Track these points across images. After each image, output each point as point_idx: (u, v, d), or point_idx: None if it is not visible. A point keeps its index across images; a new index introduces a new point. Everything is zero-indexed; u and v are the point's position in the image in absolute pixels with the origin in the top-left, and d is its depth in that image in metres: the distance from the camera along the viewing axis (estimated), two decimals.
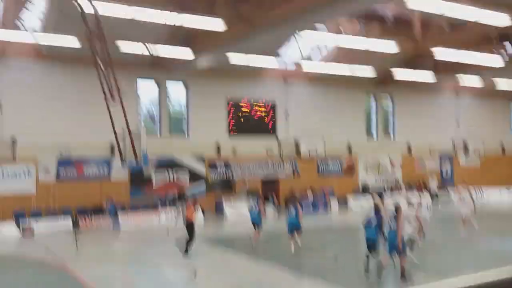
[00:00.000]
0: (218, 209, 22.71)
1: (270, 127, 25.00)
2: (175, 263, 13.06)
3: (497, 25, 14.93)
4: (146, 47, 14.75)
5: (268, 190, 24.39)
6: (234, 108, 24.04)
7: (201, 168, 23.06)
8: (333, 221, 21.36)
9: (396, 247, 10.56)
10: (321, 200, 24.75)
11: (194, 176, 22.82)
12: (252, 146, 24.17)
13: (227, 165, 23.65)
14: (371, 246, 11.26)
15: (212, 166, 23.30)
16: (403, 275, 10.58)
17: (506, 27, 16.49)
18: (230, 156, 23.74)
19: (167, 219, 20.09)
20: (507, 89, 32.61)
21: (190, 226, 13.61)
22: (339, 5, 11.69)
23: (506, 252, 13.86)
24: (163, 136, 22.50)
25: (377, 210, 11.65)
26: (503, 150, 33.63)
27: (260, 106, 24.77)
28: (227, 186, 23.69)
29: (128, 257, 13.74)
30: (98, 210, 19.87)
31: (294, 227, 14.34)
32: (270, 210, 22.97)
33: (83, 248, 14.89)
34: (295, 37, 20.51)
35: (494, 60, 20.75)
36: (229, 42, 15.94)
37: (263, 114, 24.87)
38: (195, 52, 17.43)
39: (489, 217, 20.27)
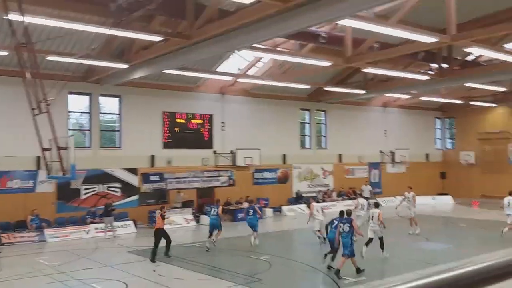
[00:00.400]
0: (151, 221, 22.26)
1: (206, 138, 24.90)
2: (102, 277, 12.75)
3: (423, 45, 15.78)
4: (78, 59, 14.23)
5: (204, 201, 24.33)
6: (170, 120, 23.71)
7: (133, 180, 22.52)
8: (268, 228, 21.68)
9: (350, 249, 12.16)
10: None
11: (126, 188, 22.26)
12: (188, 158, 23.99)
13: (161, 177, 23.25)
14: (331, 245, 13.08)
15: (145, 177, 22.82)
16: (338, 273, 11.97)
17: (432, 47, 17.56)
18: (165, 168, 23.41)
19: (96, 233, 19.61)
20: (432, 106, 34.92)
21: (161, 232, 15.01)
22: (275, 26, 11.93)
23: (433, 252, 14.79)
24: (94, 149, 21.78)
25: (341, 214, 13.21)
26: (427, 159, 35.66)
27: (196, 118, 24.62)
28: (161, 198, 23.31)
29: (54, 272, 13.20)
30: (22, 225, 18.90)
31: (253, 226, 16.64)
32: (206, 221, 22.93)
33: (7, 264, 14.13)
34: (232, 53, 20.64)
35: (420, 78, 21.96)
36: (165, 56, 15.74)
37: (199, 126, 24.73)
38: (130, 65, 17.05)
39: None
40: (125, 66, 17.19)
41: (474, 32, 15.33)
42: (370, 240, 14.24)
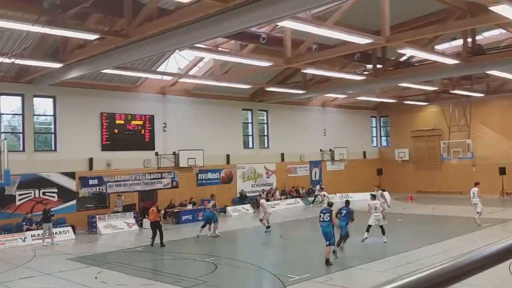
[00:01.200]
0: (91, 226, 21.60)
1: (147, 140, 24.45)
2: (42, 286, 12.24)
3: (359, 46, 16.29)
4: (10, 58, 13.55)
5: (146, 204, 23.84)
6: (108, 121, 23.08)
7: (71, 185, 21.72)
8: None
9: (331, 238, 13.36)
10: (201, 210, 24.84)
11: (64, 193, 21.43)
12: (128, 160, 23.46)
13: (100, 180, 22.58)
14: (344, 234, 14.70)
15: (83, 181, 22.07)
16: (328, 261, 13.19)
17: (367, 49, 18.19)
18: (104, 171, 22.76)
19: (33, 240, 18.82)
20: (368, 105, 36.25)
21: (156, 225, 17.28)
22: (215, 26, 11.94)
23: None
24: (28, 152, 20.80)
25: (347, 204, 15.27)
26: (364, 157, 36.95)
27: (136, 119, 24.11)
28: (101, 202, 22.67)
29: None
30: None
31: (212, 219, 18.70)
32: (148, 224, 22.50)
33: None
34: (173, 52, 20.42)
35: (356, 78, 22.68)
36: (102, 55, 15.32)
37: (140, 127, 24.24)
38: (64, 64, 16.45)
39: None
40: (59, 65, 16.57)
41: (406, 34, 16.05)
42: (369, 226, 16.32)
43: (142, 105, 24.39)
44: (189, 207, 24.63)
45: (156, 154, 24.73)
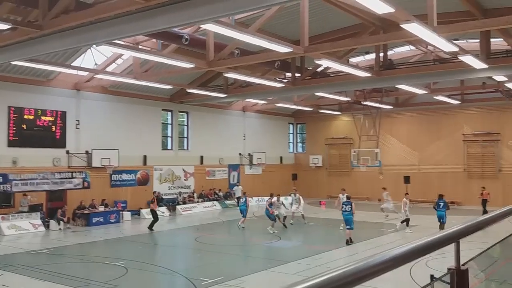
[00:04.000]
0: None
1: (58, 137, 23.22)
2: None
3: (279, 54, 16.68)
4: None
5: (54, 204, 22.66)
6: (16, 116, 21.63)
7: None
8: (125, 232, 21.01)
9: (351, 224, 17.28)
10: (113, 212, 24.08)
11: None
12: (37, 158, 22.13)
13: (5, 178, 21.07)
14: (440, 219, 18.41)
15: None
16: (349, 241, 17.13)
17: (287, 57, 18.69)
18: (9, 168, 21.29)
19: None
20: (286, 112, 37.22)
21: (153, 212, 21.36)
22: (136, 23, 11.65)
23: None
24: None
25: (441, 197, 18.95)
26: (281, 162, 37.87)
27: (47, 115, 22.81)
28: (5, 201, 21.19)
29: None
30: None
31: (244, 212, 21.20)
32: (55, 226, 21.39)
33: None
34: (90, 48, 19.62)
35: (276, 85, 23.18)
36: (13, 46, 14.34)
37: (50, 123, 22.96)
38: None
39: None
40: None
41: (324, 46, 16.71)
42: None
43: (54, 101, 23.14)
44: (101, 209, 23.76)
45: (67, 152, 23.57)
